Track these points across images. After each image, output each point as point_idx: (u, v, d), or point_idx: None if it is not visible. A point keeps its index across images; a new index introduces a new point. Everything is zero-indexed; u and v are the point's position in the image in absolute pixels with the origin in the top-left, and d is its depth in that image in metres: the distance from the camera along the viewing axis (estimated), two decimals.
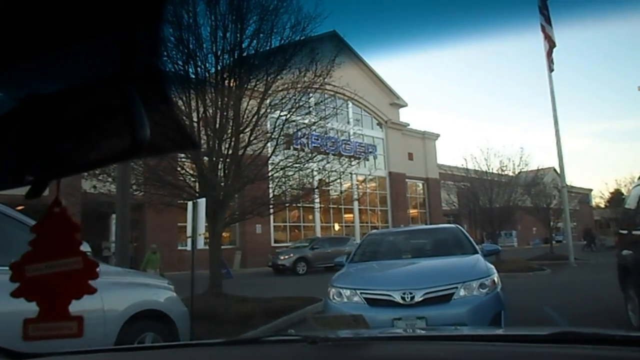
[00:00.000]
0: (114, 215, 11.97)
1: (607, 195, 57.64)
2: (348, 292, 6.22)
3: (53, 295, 0.89)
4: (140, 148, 0.64)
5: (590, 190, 63.62)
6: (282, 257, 23.75)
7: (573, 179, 74.59)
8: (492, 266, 6.65)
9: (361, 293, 6.10)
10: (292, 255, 23.82)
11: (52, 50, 0.69)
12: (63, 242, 0.89)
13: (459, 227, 8.53)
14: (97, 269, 0.91)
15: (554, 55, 23.68)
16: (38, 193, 0.76)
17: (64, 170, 0.74)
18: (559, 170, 25.74)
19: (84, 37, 0.67)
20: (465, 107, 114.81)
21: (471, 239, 7.86)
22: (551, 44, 23.35)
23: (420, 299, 5.80)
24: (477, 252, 7.17)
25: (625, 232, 8.23)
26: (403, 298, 5.82)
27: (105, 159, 0.75)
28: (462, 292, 5.90)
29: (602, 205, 60.88)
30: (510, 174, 25.53)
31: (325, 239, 26.26)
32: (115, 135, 0.65)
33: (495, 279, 6.21)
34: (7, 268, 0.91)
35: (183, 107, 9.90)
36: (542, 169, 29.67)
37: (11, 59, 0.70)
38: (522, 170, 25.97)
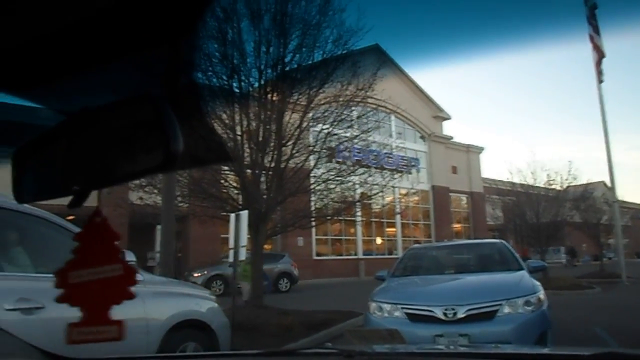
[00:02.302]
0: (159, 226, 12.24)
1: None
2: (389, 307, 6.15)
3: (95, 300, 0.93)
4: (174, 161, 0.66)
5: None
6: (195, 274, 19.91)
7: (624, 193, 71.88)
8: (538, 283, 6.46)
9: (402, 308, 6.03)
10: (206, 272, 19.94)
11: (97, 67, 0.72)
12: (104, 250, 0.93)
13: (504, 242, 8.33)
14: (137, 276, 0.94)
15: (604, 65, 23.00)
16: (79, 203, 0.80)
17: (103, 181, 0.77)
18: (609, 184, 24.86)
19: (124, 54, 0.70)
20: (510, 120, 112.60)
21: (516, 254, 7.66)
22: (600, 55, 22.69)
23: (463, 315, 5.68)
24: (522, 268, 6.99)
25: None
26: (445, 314, 5.72)
27: (142, 172, 0.78)
28: (506, 310, 5.75)
29: None
30: (558, 188, 24.80)
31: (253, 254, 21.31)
32: (151, 149, 0.68)
33: (542, 297, 6.03)
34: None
35: (227, 121, 10.09)
36: (591, 182, 28.71)
37: (60, 75, 0.73)
38: (571, 184, 25.20)
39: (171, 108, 0.67)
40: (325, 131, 11.37)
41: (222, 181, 11.13)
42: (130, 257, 4.35)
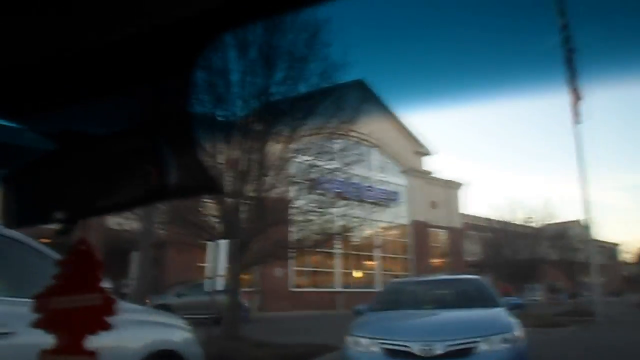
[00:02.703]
0: (135, 253, 12.06)
1: (635, 250, 56.17)
2: (366, 342, 6.10)
3: (71, 328, 0.91)
4: (166, 192, 0.67)
5: (618, 244, 62.08)
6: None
7: (604, 232, 72.87)
8: (516, 320, 6.47)
9: (380, 343, 5.98)
10: (147, 301, 18.35)
11: (90, 97, 0.73)
12: (85, 279, 0.92)
13: (482, 278, 8.37)
14: (115, 307, 0.93)
15: (583, 106, 23.57)
16: (68, 231, 0.79)
17: (93, 210, 0.77)
18: (585, 223, 25.26)
19: (120, 87, 0.71)
20: (490, 157, 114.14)
21: (493, 291, 7.69)
22: (577, 97, 23.29)
23: (440, 352, 5.65)
24: (499, 305, 7.01)
25: None
26: (422, 350, 5.69)
27: (132, 202, 0.78)
28: (483, 347, 5.74)
29: (630, 261, 59.25)
30: (536, 225, 25.13)
31: (198, 285, 17.53)
32: (143, 180, 0.68)
33: (519, 334, 6.04)
34: (29, 299, 0.94)
35: (209, 149, 10.08)
36: (568, 221, 29.15)
37: (54, 104, 0.74)
38: (548, 222, 25.55)
39: (166, 139, 0.68)
40: (308, 163, 11.41)
41: (201, 209, 11.05)
42: (105, 283, 4.26)
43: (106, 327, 0.92)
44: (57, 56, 0.66)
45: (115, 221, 11.85)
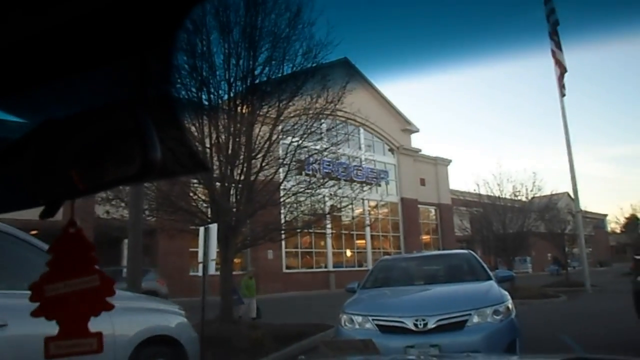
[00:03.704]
0: (126, 241, 12.01)
1: (622, 220, 57.04)
2: (360, 319, 6.15)
3: (72, 313, 0.91)
4: (151, 170, 0.66)
5: (606, 215, 62.98)
6: None
7: (588, 204, 73.82)
8: (506, 292, 6.56)
9: (373, 320, 6.03)
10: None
11: (67, 76, 0.71)
12: (79, 261, 0.91)
13: (472, 252, 8.45)
14: (114, 286, 0.93)
15: (565, 79, 23.69)
16: (52, 213, 0.78)
17: (77, 191, 0.76)
18: (572, 195, 25.53)
19: (98, 64, 0.69)
20: (477, 132, 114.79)
21: (484, 264, 7.77)
22: (562, 69, 23.37)
23: (433, 325, 5.72)
24: (490, 278, 7.09)
25: None
26: (416, 325, 5.75)
27: (117, 181, 0.77)
28: (475, 319, 5.81)
29: (618, 231, 60.18)
30: (524, 199, 25.34)
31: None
32: (128, 158, 0.67)
33: (510, 306, 6.13)
34: (23, 291, 0.93)
35: (196, 133, 10.00)
36: (555, 194, 29.43)
37: (28, 84, 0.72)
38: (536, 195, 25.77)
39: (148, 119, 0.66)
40: (295, 144, 11.38)
41: (191, 194, 11.00)
42: None
43: (108, 307, 0.92)
44: (25, 33, 0.65)
45: (104, 210, 11.74)
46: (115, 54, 0.68)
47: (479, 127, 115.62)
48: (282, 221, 12.72)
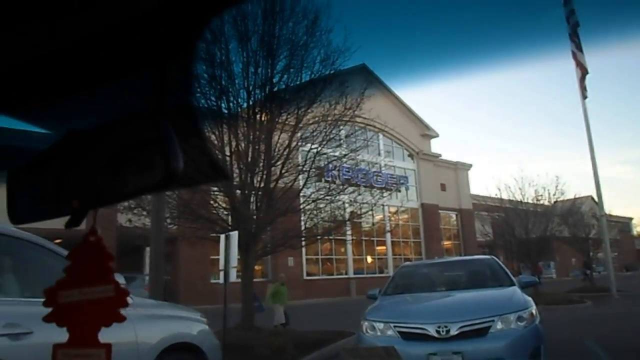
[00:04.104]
0: (148, 249, 12.14)
1: None
2: (381, 326, 6.11)
3: (83, 321, 0.91)
4: (173, 179, 0.66)
5: (631, 219, 61.79)
6: None
7: (612, 207, 72.57)
8: (530, 298, 6.47)
9: (395, 327, 5.99)
10: None
11: (90, 88, 0.73)
12: (97, 270, 0.91)
13: (494, 258, 8.36)
14: (128, 298, 0.93)
15: (587, 81, 23.34)
16: (77, 222, 0.79)
17: (101, 200, 0.77)
18: (596, 199, 25.09)
19: (120, 75, 0.71)
20: (498, 136, 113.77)
21: (507, 270, 7.68)
22: (583, 71, 23.04)
23: (456, 332, 5.66)
24: (513, 284, 7.00)
25: None
26: (438, 332, 5.70)
27: (140, 190, 0.78)
28: (499, 326, 5.74)
29: None
30: (546, 203, 24.98)
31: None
32: (150, 167, 0.68)
33: (534, 312, 6.04)
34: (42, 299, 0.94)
35: (216, 142, 10.09)
36: (579, 197, 28.96)
37: (52, 96, 0.74)
38: (558, 199, 25.40)
39: (170, 128, 0.67)
40: (314, 150, 11.40)
41: (212, 202, 11.08)
42: (120, 280, 4.30)
43: (119, 318, 0.91)
44: (50, 48, 0.66)
45: (126, 218, 11.88)
46: (137, 66, 0.69)
47: (499, 131, 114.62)
48: (302, 228, 12.72)
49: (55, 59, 0.68)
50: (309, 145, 11.56)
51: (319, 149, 11.42)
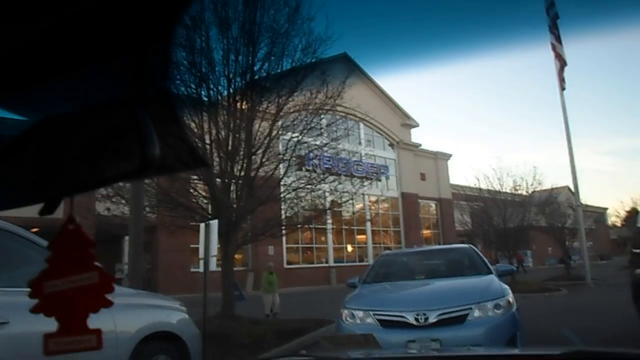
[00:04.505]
0: (127, 238, 12.02)
1: (623, 214, 57.09)
2: (361, 314, 6.16)
3: (71, 309, 0.91)
4: (150, 166, 0.66)
5: (606, 209, 63.00)
6: None
7: (588, 197, 73.91)
8: (507, 287, 6.57)
9: (374, 314, 6.04)
10: None
11: (66, 74, 0.71)
12: (78, 258, 0.91)
13: (472, 247, 8.45)
14: (113, 283, 0.93)
15: (566, 73, 23.64)
16: (51, 210, 0.78)
17: (76, 188, 0.76)
18: (573, 189, 25.52)
19: (96, 61, 0.69)
20: (477, 126, 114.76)
21: (485, 259, 7.78)
22: (562, 63, 23.32)
23: (435, 320, 5.73)
24: (491, 272, 7.10)
25: (638, 251, 8.19)
26: (417, 319, 5.76)
27: (116, 177, 0.77)
28: (476, 313, 5.82)
29: (619, 225, 60.21)
30: (524, 193, 25.34)
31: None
32: (126, 154, 0.67)
33: (511, 300, 6.14)
34: (24, 288, 0.93)
35: (196, 129, 10.01)
36: (556, 187, 29.42)
37: (26, 82, 0.72)
38: (536, 189, 25.78)
39: (150, 113, 0.66)
40: (295, 139, 11.38)
41: (191, 190, 11.01)
42: None
43: (107, 303, 0.93)
44: (30, 30, 0.64)
45: (104, 207, 11.75)
46: (113, 51, 0.68)
47: (478, 121, 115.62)
48: (283, 217, 12.73)
49: (30, 44, 0.67)
50: (289, 133, 11.54)
51: (300, 137, 11.40)
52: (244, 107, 10.46)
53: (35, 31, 0.66)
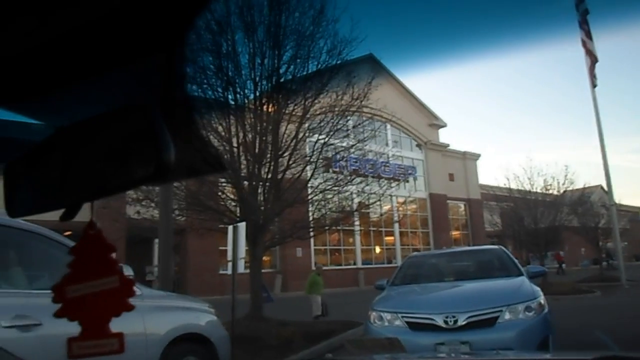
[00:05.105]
0: (156, 240, 12.21)
1: None
2: (389, 316, 6.12)
3: (93, 313, 0.93)
4: (165, 172, 0.66)
5: None
6: None
7: (622, 196, 72.11)
8: (538, 288, 6.45)
9: (402, 317, 6.00)
10: None
11: (83, 80, 0.72)
12: (99, 263, 0.93)
13: (503, 248, 8.33)
14: (135, 287, 0.94)
15: (597, 69, 23.12)
16: (72, 215, 0.79)
17: (96, 193, 0.77)
18: (606, 188, 24.91)
19: (113, 67, 0.70)
20: (506, 126, 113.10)
21: (515, 260, 7.65)
22: (593, 59, 22.81)
23: (464, 322, 5.66)
24: (522, 274, 6.98)
25: None
26: (446, 322, 5.70)
27: (133, 182, 0.78)
28: (507, 316, 5.73)
29: None
30: (555, 193, 24.84)
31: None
32: (142, 159, 0.67)
33: (542, 302, 6.02)
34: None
35: (223, 133, 10.10)
36: (588, 187, 28.76)
37: (45, 88, 0.73)
38: (568, 188, 25.24)
39: (163, 118, 0.67)
40: (322, 141, 11.38)
41: (220, 193, 11.11)
42: (127, 271, 4.33)
43: (128, 307, 0.94)
44: (45, 38, 0.65)
45: (135, 210, 11.95)
46: (129, 57, 0.69)
47: (508, 120, 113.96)
48: (310, 219, 12.73)
49: (49, 51, 0.68)
50: (316, 135, 11.54)
51: (327, 139, 11.40)
52: (270, 110, 10.51)
53: (54, 37, 0.67)
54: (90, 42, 0.67)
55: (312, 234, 13.74)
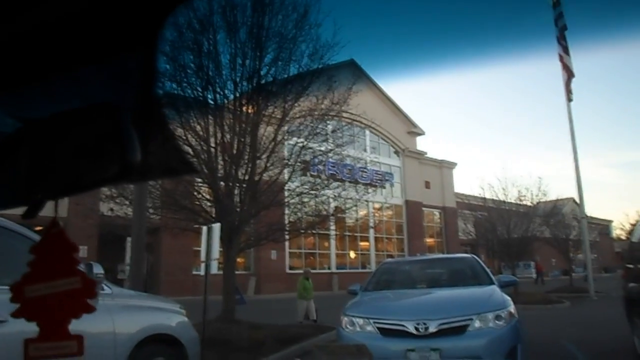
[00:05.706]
0: (129, 239, 12.04)
1: (628, 226, 56.70)
2: (361, 321, 6.13)
3: (53, 315, 0.90)
4: (130, 172, 0.65)
5: (611, 221, 62.66)
6: None
7: (593, 209, 73.52)
8: (509, 298, 6.52)
9: (374, 322, 6.01)
10: None
11: (52, 77, 0.71)
12: (61, 263, 0.90)
13: (475, 257, 8.42)
14: (97, 289, 0.92)
15: (573, 84, 23.57)
16: (34, 213, 0.77)
17: (61, 191, 0.75)
18: (578, 201, 25.38)
19: (83, 65, 0.69)
20: (483, 136, 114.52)
21: (487, 269, 7.74)
22: (569, 74, 23.26)
23: (435, 329, 5.69)
24: (493, 283, 7.06)
25: (631, 266, 8.23)
26: (417, 328, 5.73)
27: (98, 182, 0.76)
28: (477, 324, 5.78)
29: (623, 237, 59.83)
30: (529, 204, 25.22)
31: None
32: (108, 159, 0.66)
33: (512, 311, 6.09)
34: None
35: (201, 133, 10.02)
36: (561, 199, 29.29)
37: (12, 84, 0.71)
38: (541, 200, 25.66)
39: (133, 118, 0.66)
40: (300, 145, 11.37)
41: (195, 193, 11.01)
42: (98, 269, 4.26)
43: (89, 309, 0.91)
44: (17, 30, 0.64)
45: (108, 207, 11.76)
46: (99, 55, 0.67)
47: (485, 130, 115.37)
48: (286, 222, 12.70)
49: (19, 44, 0.66)
50: (294, 139, 11.53)
51: (305, 143, 11.40)
52: (249, 111, 10.47)
53: (29, 29, 0.65)
54: (62, 37, 0.66)
55: (287, 237, 13.71)
